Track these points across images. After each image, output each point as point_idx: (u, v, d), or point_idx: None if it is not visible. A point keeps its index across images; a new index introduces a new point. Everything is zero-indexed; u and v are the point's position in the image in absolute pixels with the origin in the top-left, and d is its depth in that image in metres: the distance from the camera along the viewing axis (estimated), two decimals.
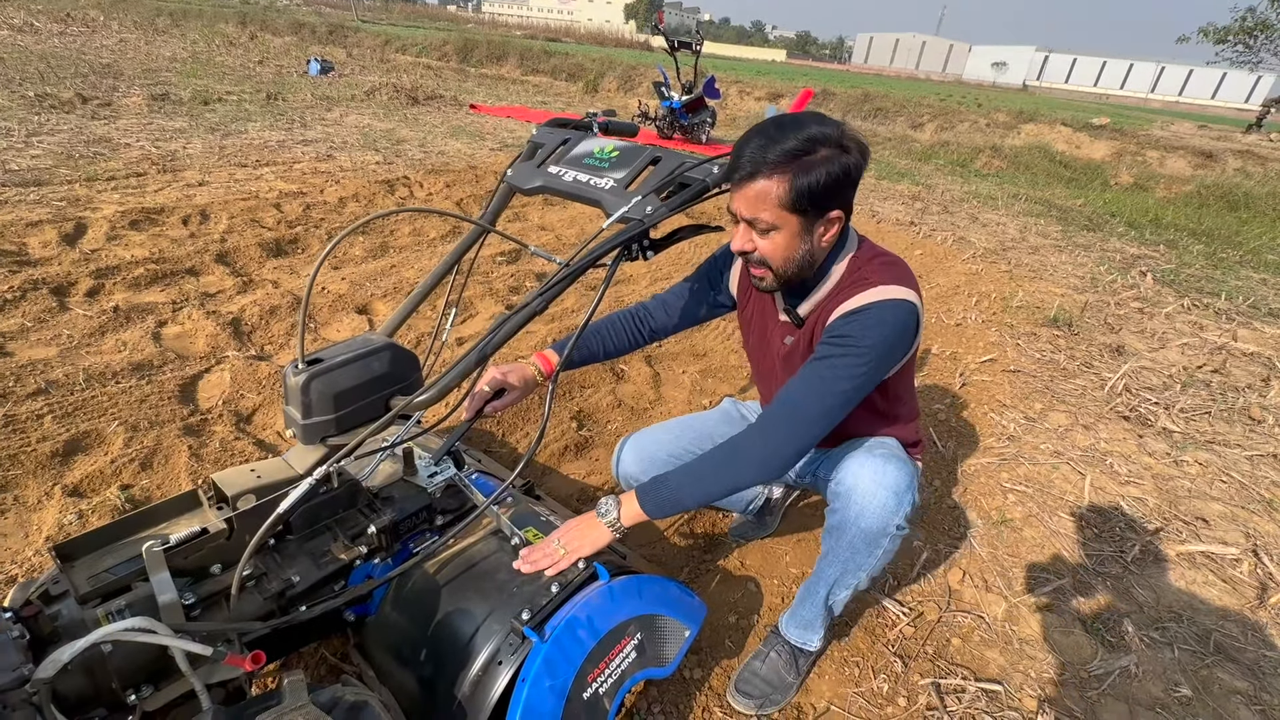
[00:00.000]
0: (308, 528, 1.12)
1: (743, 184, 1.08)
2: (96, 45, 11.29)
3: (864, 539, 1.19)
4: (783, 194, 1.06)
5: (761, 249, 1.14)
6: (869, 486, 1.16)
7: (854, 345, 1.11)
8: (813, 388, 1.12)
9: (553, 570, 1.14)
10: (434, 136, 7.11)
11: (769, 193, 1.06)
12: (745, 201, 1.09)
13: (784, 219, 1.09)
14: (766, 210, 1.08)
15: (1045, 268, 4.81)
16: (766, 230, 1.11)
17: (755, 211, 1.09)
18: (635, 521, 1.17)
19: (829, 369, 1.11)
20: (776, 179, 1.05)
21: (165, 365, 2.35)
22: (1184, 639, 1.67)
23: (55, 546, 0.90)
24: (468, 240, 1.45)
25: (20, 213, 3.45)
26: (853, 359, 1.10)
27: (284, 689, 0.87)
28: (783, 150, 1.04)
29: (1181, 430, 2.70)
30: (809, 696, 1.43)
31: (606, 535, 1.17)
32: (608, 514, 1.17)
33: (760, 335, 1.41)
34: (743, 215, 1.12)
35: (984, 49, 72.91)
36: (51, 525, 1.60)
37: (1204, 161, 10.06)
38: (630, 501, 1.16)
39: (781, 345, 1.34)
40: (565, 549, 1.16)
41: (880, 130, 12.12)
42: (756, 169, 1.05)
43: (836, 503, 1.22)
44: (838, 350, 1.12)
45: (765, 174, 1.05)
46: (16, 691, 0.74)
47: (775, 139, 1.05)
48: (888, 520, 1.16)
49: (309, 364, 1.02)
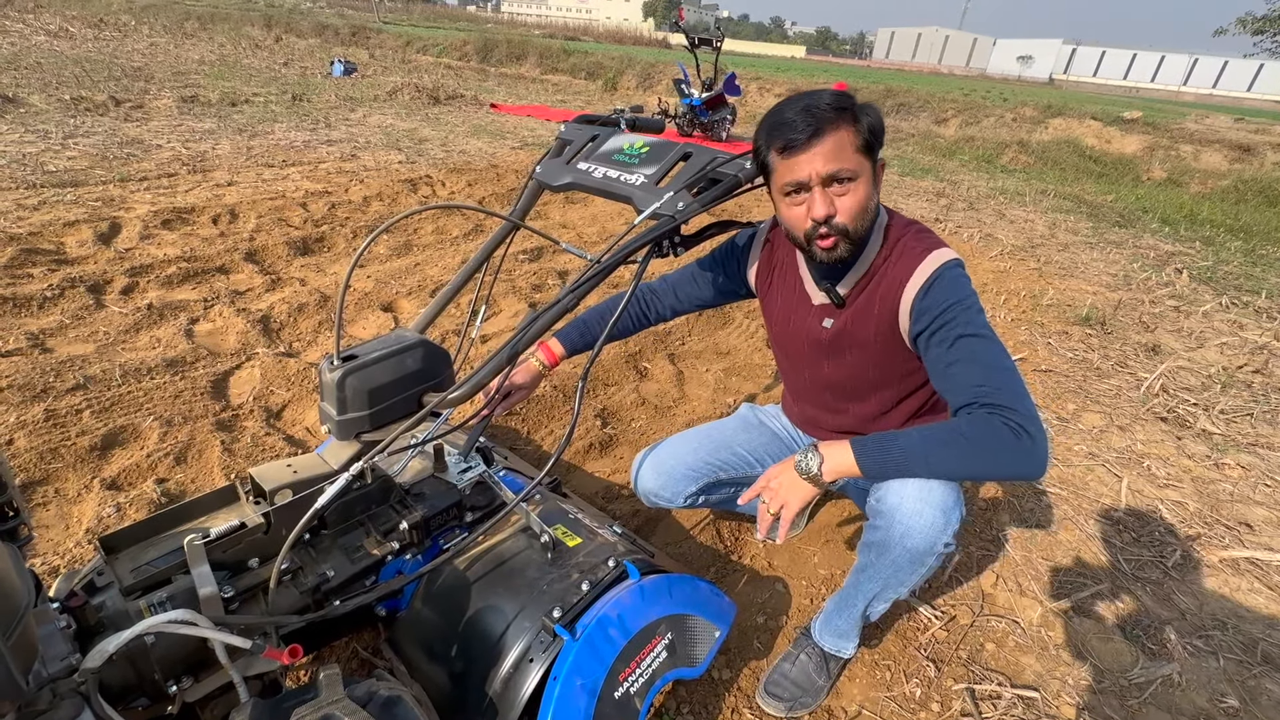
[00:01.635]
0: (341, 523, 1.13)
1: (811, 143, 1.05)
2: (128, 49, 11.57)
3: (909, 558, 1.12)
4: (855, 138, 1.06)
5: (842, 208, 1.09)
6: (914, 505, 1.07)
7: (965, 307, 1.09)
8: (994, 360, 1.04)
9: (783, 530, 1.10)
10: (455, 136, 7.16)
11: (845, 141, 1.05)
12: (823, 157, 1.05)
13: (862, 165, 1.08)
14: (847, 158, 1.06)
15: (1076, 265, 4.70)
16: (848, 181, 1.08)
17: (839, 162, 1.06)
18: (840, 476, 1.07)
19: (979, 342, 1.06)
20: (845, 127, 1.05)
21: (197, 361, 2.39)
22: (1229, 648, 1.62)
23: (100, 538, 0.92)
24: (497, 237, 1.45)
25: (58, 213, 3.55)
26: (976, 316, 1.08)
27: (320, 683, 0.88)
28: (831, 103, 1.05)
29: (1222, 432, 2.61)
30: (839, 700, 1.41)
31: (810, 491, 1.08)
32: (808, 467, 1.07)
33: (790, 323, 1.37)
34: (820, 173, 1.06)
35: (1009, 42, 71.50)
36: (90, 517, 1.63)
37: (1241, 155, 9.75)
38: (841, 453, 1.05)
39: (820, 329, 1.30)
40: (773, 508, 1.09)
41: (903, 126, 11.95)
42: (821, 124, 1.04)
43: (879, 520, 1.13)
44: (955, 319, 1.08)
45: (832, 125, 1.04)
46: (65, 680, 0.75)
47: (813, 100, 1.06)
48: (935, 540, 1.09)
49: (344, 360, 1.03)
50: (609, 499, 1.95)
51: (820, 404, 1.46)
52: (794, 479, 1.09)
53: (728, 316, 3.34)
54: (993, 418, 0.99)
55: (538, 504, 1.37)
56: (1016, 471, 1.00)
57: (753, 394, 2.62)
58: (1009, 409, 0.99)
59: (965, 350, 1.06)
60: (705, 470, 1.46)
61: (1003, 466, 1.01)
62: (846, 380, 1.35)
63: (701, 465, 1.46)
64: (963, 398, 1.04)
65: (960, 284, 1.11)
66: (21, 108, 5.98)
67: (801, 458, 1.09)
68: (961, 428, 1.02)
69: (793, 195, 1.11)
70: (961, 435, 1.01)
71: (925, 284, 1.12)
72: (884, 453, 1.05)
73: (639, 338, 2.91)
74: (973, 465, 1.02)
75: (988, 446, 0.99)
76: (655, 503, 1.51)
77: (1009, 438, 0.97)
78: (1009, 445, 0.97)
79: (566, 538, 1.26)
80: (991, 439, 0.99)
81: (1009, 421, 0.98)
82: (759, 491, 1.14)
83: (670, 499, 1.47)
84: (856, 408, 1.39)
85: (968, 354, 1.06)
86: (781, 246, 1.36)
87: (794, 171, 1.08)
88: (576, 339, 1.46)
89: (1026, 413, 0.99)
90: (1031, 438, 0.97)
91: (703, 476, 1.45)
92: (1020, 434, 0.97)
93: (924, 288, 1.12)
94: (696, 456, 1.47)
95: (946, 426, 1.03)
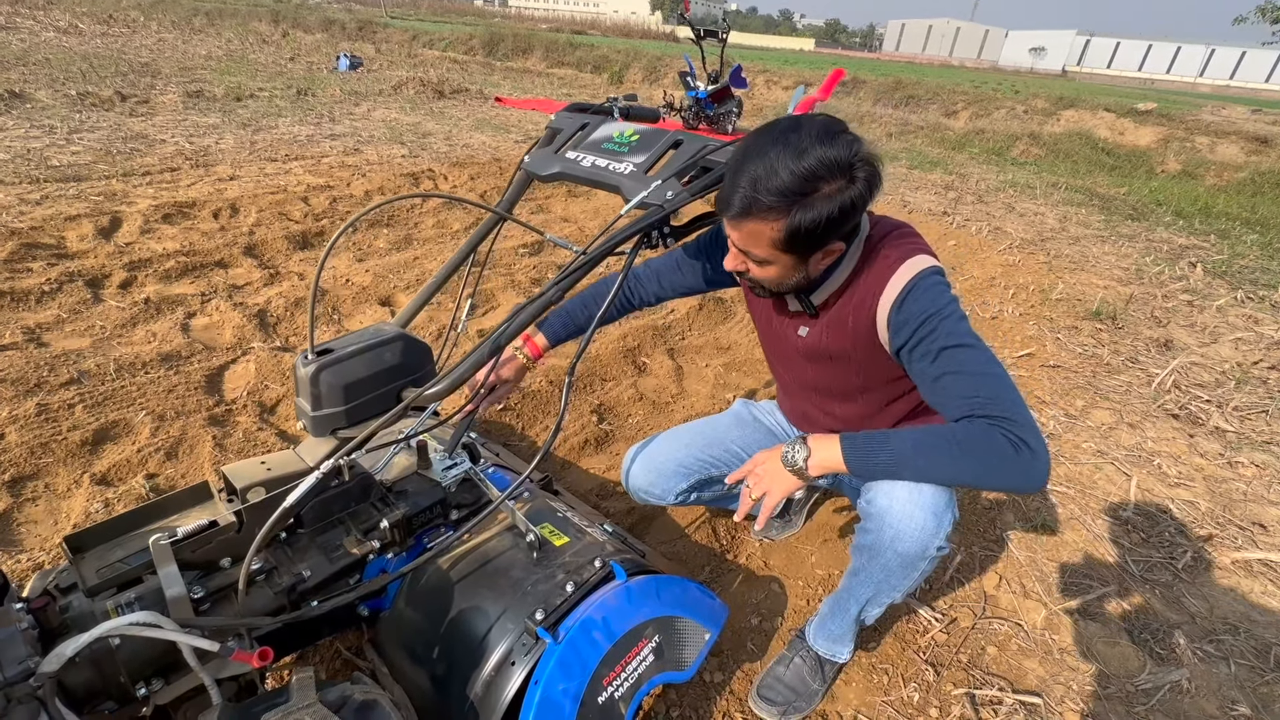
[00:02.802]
0: (320, 522, 1.10)
1: (736, 219, 1.00)
2: (136, 45, 11.60)
3: (900, 562, 1.10)
4: (776, 236, 0.98)
5: (754, 273, 1.08)
6: (905, 507, 1.04)
7: (944, 316, 1.02)
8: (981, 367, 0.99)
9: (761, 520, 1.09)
10: (459, 130, 7.13)
11: (762, 234, 0.99)
12: (737, 235, 1.03)
13: (777, 257, 1.02)
14: (759, 248, 1.02)
15: (1087, 259, 4.61)
16: (758, 262, 1.05)
17: (747, 246, 1.03)
18: (826, 472, 1.03)
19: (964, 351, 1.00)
20: (770, 221, 0.96)
21: (193, 356, 2.38)
22: (1241, 653, 1.57)
23: (65, 537, 0.90)
24: (484, 229, 1.42)
25: (60, 207, 3.55)
26: (958, 324, 1.02)
27: (292, 686, 0.85)
28: (781, 189, 0.93)
29: (1236, 430, 2.55)
30: (835, 704, 1.37)
31: (793, 482, 1.06)
32: (794, 459, 1.04)
33: (771, 324, 1.33)
34: (734, 244, 1.05)
35: (1021, 34, 70.51)
36: (79, 513, 1.62)
37: (1259, 147, 9.53)
38: (829, 448, 1.01)
39: (797, 337, 1.26)
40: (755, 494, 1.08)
41: (912, 118, 11.79)
42: (748, 208, 0.96)
43: (869, 523, 1.10)
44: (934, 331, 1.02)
45: (758, 216, 0.97)
46: (22, 685, 0.73)
47: (774, 169, 0.93)
48: (927, 543, 1.06)
49: (319, 354, 1.00)
50: (603, 496, 1.92)
51: (809, 402, 1.42)
52: (778, 468, 1.07)
53: (729, 311, 3.29)
54: (992, 429, 0.94)
55: (526, 502, 1.34)
56: (1014, 485, 0.96)
57: (753, 389, 2.58)
58: (1007, 419, 0.94)
59: (951, 362, 1.01)
60: (697, 467, 1.42)
61: (999, 479, 0.96)
62: (831, 383, 1.32)
63: (693, 462, 1.42)
64: (956, 411, 0.99)
65: (936, 293, 1.05)
66: (28, 103, 6.00)
67: (789, 449, 1.06)
68: (958, 435, 0.97)
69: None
70: (957, 444, 0.96)
71: (899, 297, 1.06)
72: (873, 453, 1.00)
73: (638, 332, 2.88)
74: (967, 476, 0.98)
75: (984, 458, 0.94)
76: (646, 500, 1.48)
77: (1008, 450, 0.93)
78: (1007, 458, 0.92)
79: (554, 537, 1.23)
80: (989, 451, 0.94)
81: (1008, 434, 0.93)
82: (743, 476, 1.12)
83: (661, 496, 1.44)
84: (843, 408, 1.36)
85: (954, 366, 1.00)
86: None
87: (724, 222, 1.05)
88: (559, 329, 1.43)
89: (1025, 423, 0.94)
90: (1032, 451, 0.92)
91: (694, 473, 1.42)
92: (1020, 447, 0.92)
93: (898, 301, 1.06)
94: (688, 453, 1.43)
95: (943, 433, 0.98)
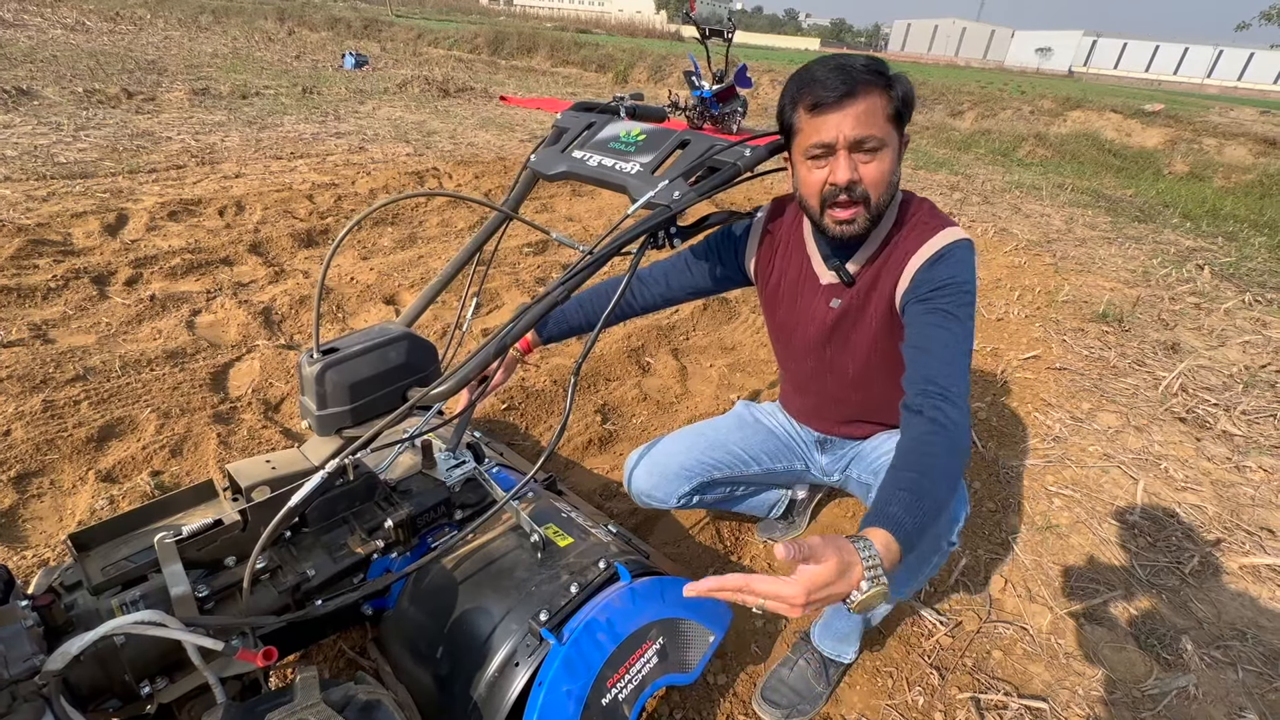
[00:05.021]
0: (324, 521, 1.10)
1: (842, 103, 0.99)
2: (143, 42, 11.64)
3: (912, 558, 1.08)
4: (888, 105, 1.01)
5: (867, 176, 1.04)
6: None
7: (961, 288, 1.05)
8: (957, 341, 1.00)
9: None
10: (464, 128, 7.13)
11: (876, 106, 1.01)
12: (853, 119, 1.00)
13: (890, 135, 1.03)
14: (877, 125, 1.01)
15: (1093, 260, 4.58)
16: (875, 149, 1.03)
17: (867, 128, 1.01)
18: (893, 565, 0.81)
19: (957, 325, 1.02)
20: (878, 92, 1.00)
21: (198, 353, 2.38)
22: (1249, 659, 1.55)
23: (70, 535, 0.90)
24: (489, 228, 1.42)
25: (66, 204, 3.56)
26: (966, 299, 1.04)
27: (295, 686, 0.85)
28: (868, 67, 1.00)
29: (1244, 434, 2.53)
30: (839, 707, 1.37)
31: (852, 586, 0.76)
32: (874, 567, 0.75)
33: (795, 307, 1.31)
34: (848, 136, 1.01)
35: (1027, 34, 70.19)
36: (84, 510, 1.62)
37: (1267, 149, 9.47)
38: (890, 548, 0.78)
39: (827, 310, 1.25)
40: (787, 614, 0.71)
41: (917, 119, 11.72)
42: (855, 85, 0.98)
43: None
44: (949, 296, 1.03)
45: (865, 88, 0.99)
46: (27, 683, 0.73)
47: (848, 60, 1.01)
48: (937, 540, 1.06)
49: (324, 353, 1.00)
50: (607, 497, 1.91)
51: (823, 394, 1.40)
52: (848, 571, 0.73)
53: (733, 311, 3.29)
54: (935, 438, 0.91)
55: (530, 502, 1.33)
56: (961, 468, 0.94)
57: (757, 390, 2.57)
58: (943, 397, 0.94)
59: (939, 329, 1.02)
60: (699, 470, 1.41)
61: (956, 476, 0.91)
62: (849, 365, 1.30)
63: (695, 465, 1.41)
64: (912, 389, 0.98)
65: (966, 264, 1.08)
66: (35, 100, 6.02)
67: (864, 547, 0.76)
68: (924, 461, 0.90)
69: (815, 159, 1.06)
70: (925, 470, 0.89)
71: (935, 255, 1.08)
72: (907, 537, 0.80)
73: (642, 332, 2.87)
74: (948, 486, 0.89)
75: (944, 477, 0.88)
76: (648, 503, 1.47)
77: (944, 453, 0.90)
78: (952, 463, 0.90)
79: (558, 537, 1.23)
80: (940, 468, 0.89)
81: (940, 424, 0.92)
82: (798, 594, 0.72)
83: (664, 499, 1.44)
84: (857, 395, 1.34)
85: (938, 339, 1.01)
86: (784, 231, 1.30)
87: (820, 132, 1.02)
88: (553, 328, 1.43)
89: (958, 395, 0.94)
90: (956, 425, 0.91)
91: (696, 476, 1.41)
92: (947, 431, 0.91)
93: (932, 258, 1.08)
94: (690, 456, 1.42)
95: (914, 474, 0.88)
